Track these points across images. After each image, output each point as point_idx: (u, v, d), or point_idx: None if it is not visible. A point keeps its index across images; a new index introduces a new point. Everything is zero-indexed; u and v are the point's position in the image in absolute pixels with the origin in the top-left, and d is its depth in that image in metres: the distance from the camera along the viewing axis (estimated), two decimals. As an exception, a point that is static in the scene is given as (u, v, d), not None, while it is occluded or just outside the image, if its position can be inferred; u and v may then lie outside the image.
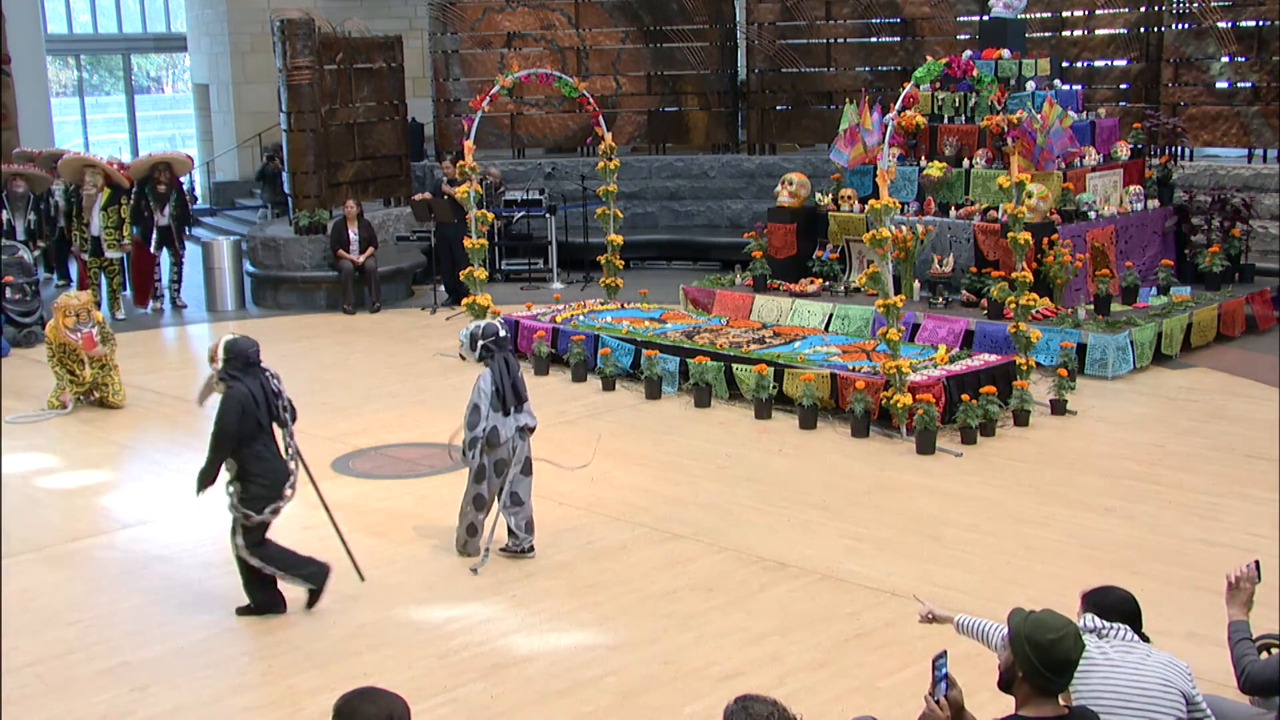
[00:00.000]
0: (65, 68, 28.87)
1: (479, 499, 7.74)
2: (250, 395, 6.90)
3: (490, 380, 7.59)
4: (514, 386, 7.68)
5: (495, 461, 7.67)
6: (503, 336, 7.79)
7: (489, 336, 7.74)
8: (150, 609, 7.22)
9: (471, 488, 7.76)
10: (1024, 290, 10.84)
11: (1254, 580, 4.85)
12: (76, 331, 11.24)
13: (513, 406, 7.66)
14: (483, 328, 7.80)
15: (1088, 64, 16.91)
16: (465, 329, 7.92)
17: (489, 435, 7.59)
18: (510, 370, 7.68)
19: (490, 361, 7.67)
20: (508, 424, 7.64)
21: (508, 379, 7.64)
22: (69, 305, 11.32)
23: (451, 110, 19.17)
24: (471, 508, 7.76)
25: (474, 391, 7.60)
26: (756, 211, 16.90)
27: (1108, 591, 4.62)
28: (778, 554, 7.78)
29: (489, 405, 7.57)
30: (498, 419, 7.60)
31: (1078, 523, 8.24)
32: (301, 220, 16.18)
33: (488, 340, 7.72)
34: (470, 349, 7.79)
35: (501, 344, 7.75)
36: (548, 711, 5.99)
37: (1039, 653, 3.85)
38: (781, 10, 18.72)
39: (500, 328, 7.84)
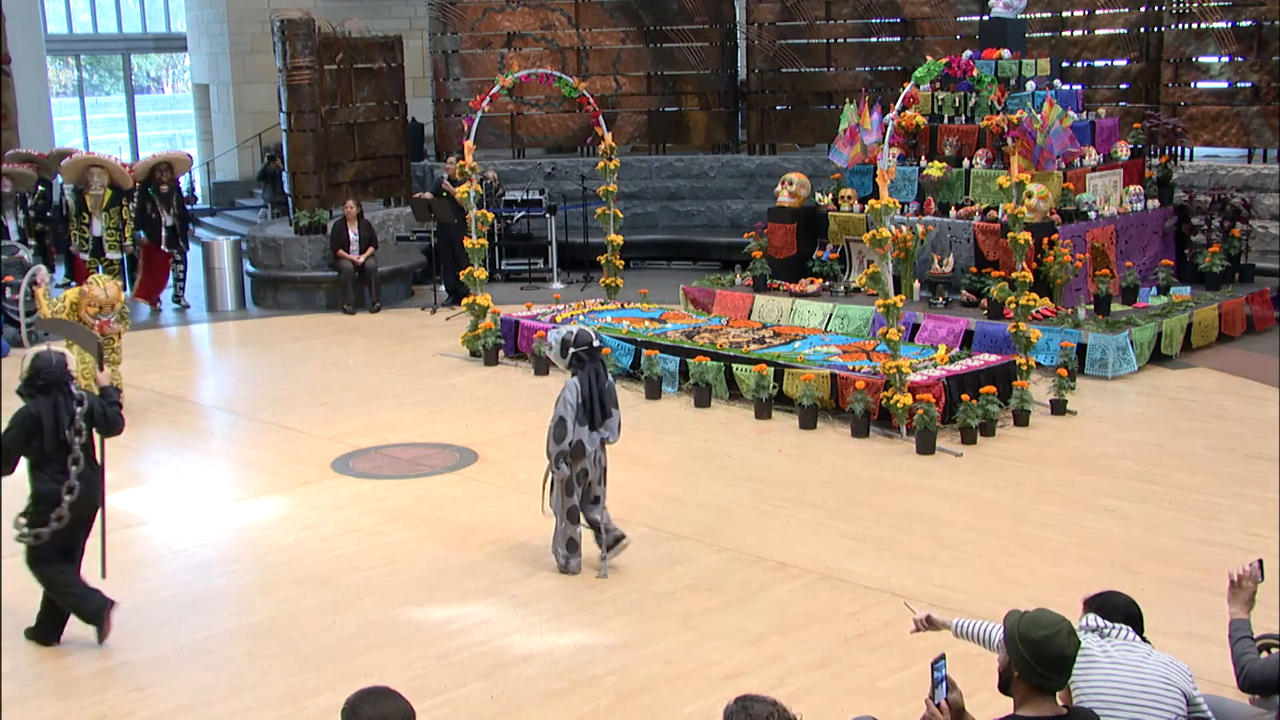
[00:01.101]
0: (65, 68, 28.88)
1: (573, 511, 7.49)
2: (37, 417, 6.45)
3: (576, 391, 7.30)
4: (601, 399, 7.37)
5: (577, 474, 7.43)
6: (596, 346, 7.44)
7: (582, 345, 7.38)
8: (150, 609, 7.22)
9: (564, 501, 7.48)
10: (1024, 290, 10.84)
11: (1256, 579, 4.86)
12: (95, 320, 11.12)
13: (599, 419, 7.40)
14: (576, 335, 7.42)
15: (1088, 64, 16.91)
16: (556, 332, 7.54)
17: (574, 448, 7.34)
18: (599, 381, 7.38)
19: (580, 371, 7.36)
20: (593, 437, 7.40)
21: (596, 390, 7.35)
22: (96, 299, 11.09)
23: (451, 110, 19.17)
24: (567, 522, 7.50)
25: (559, 404, 7.32)
26: (756, 211, 16.90)
27: (1110, 596, 4.61)
28: (778, 554, 7.78)
29: (574, 418, 7.30)
30: (583, 431, 7.34)
31: (1078, 523, 8.24)
32: (301, 220, 16.19)
33: (580, 349, 7.38)
34: (560, 355, 7.44)
35: (594, 354, 7.41)
36: (548, 711, 5.99)
37: (1032, 650, 3.85)
38: (781, 10, 18.72)
39: (595, 337, 7.48)
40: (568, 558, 7.52)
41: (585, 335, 7.44)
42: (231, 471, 9.79)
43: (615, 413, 7.50)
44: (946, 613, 6.88)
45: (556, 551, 7.56)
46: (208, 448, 10.43)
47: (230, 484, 9.49)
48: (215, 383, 13.16)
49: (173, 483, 9.49)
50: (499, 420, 10.87)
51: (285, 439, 10.47)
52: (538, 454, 9.84)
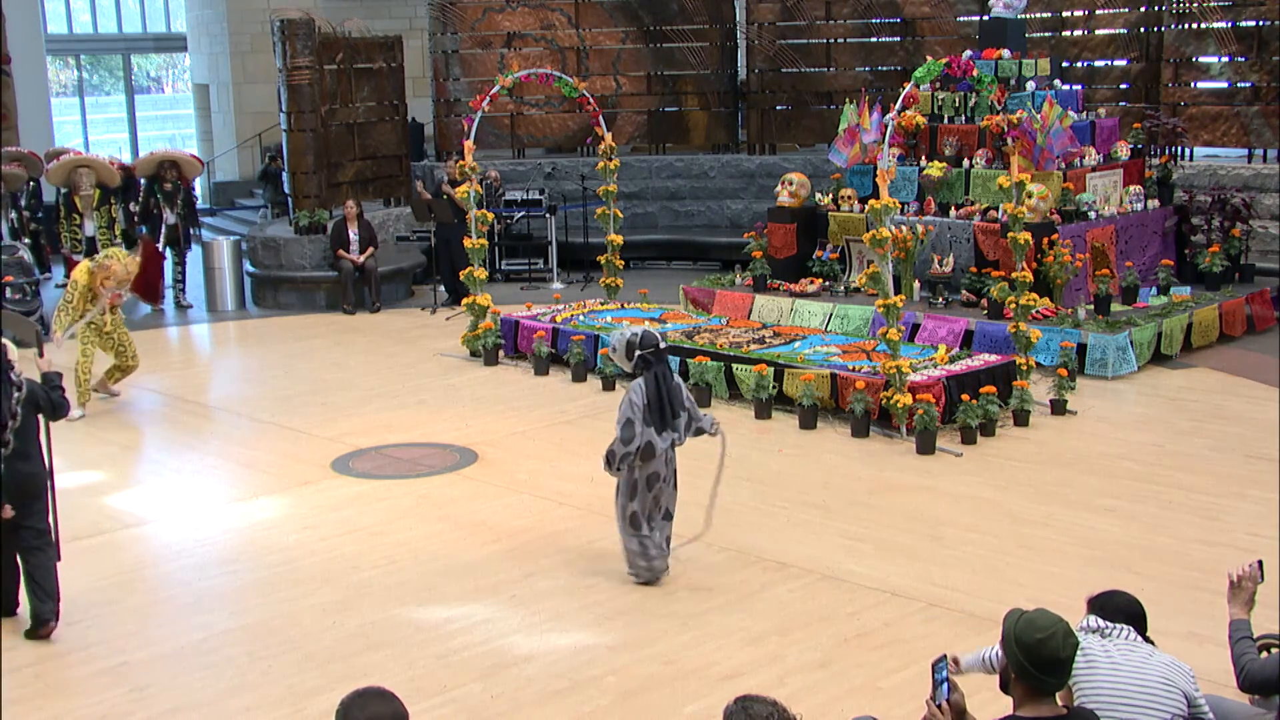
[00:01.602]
0: (65, 68, 28.86)
1: (635, 518, 7.29)
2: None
3: (642, 393, 7.15)
4: (670, 399, 7.23)
5: (648, 476, 7.24)
6: (662, 349, 7.31)
7: (648, 347, 7.25)
8: (150, 609, 7.22)
9: (625, 505, 7.32)
10: (1024, 290, 10.84)
11: (1256, 580, 4.86)
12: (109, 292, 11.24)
13: (669, 420, 7.25)
14: (641, 337, 7.28)
15: (1088, 64, 16.91)
16: (620, 333, 7.38)
17: (643, 450, 7.17)
18: (667, 382, 7.24)
19: (645, 373, 7.23)
20: (663, 438, 7.24)
21: (664, 391, 7.20)
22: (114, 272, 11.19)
23: (451, 110, 19.16)
24: (630, 528, 7.31)
25: (624, 405, 7.17)
26: (756, 211, 16.90)
27: (1112, 595, 4.61)
28: (778, 554, 7.77)
29: (642, 419, 7.15)
30: (651, 433, 7.17)
31: (1078, 523, 8.24)
32: (301, 220, 16.19)
33: (646, 351, 7.24)
34: (625, 357, 7.30)
35: (660, 356, 7.28)
36: (548, 711, 5.99)
37: (1027, 652, 3.84)
38: (781, 10, 18.72)
39: (660, 338, 7.36)
40: (648, 566, 7.31)
41: (651, 337, 7.30)
42: (231, 471, 9.79)
43: (684, 413, 7.36)
44: (945, 613, 6.90)
45: (634, 566, 7.36)
46: (208, 448, 10.42)
47: (230, 484, 9.49)
48: (215, 383, 13.15)
49: (173, 483, 9.49)
50: (499, 420, 10.87)
51: (285, 439, 10.47)
52: (538, 454, 9.92)
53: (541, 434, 10.49)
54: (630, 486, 7.27)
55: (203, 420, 11.39)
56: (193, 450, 10.34)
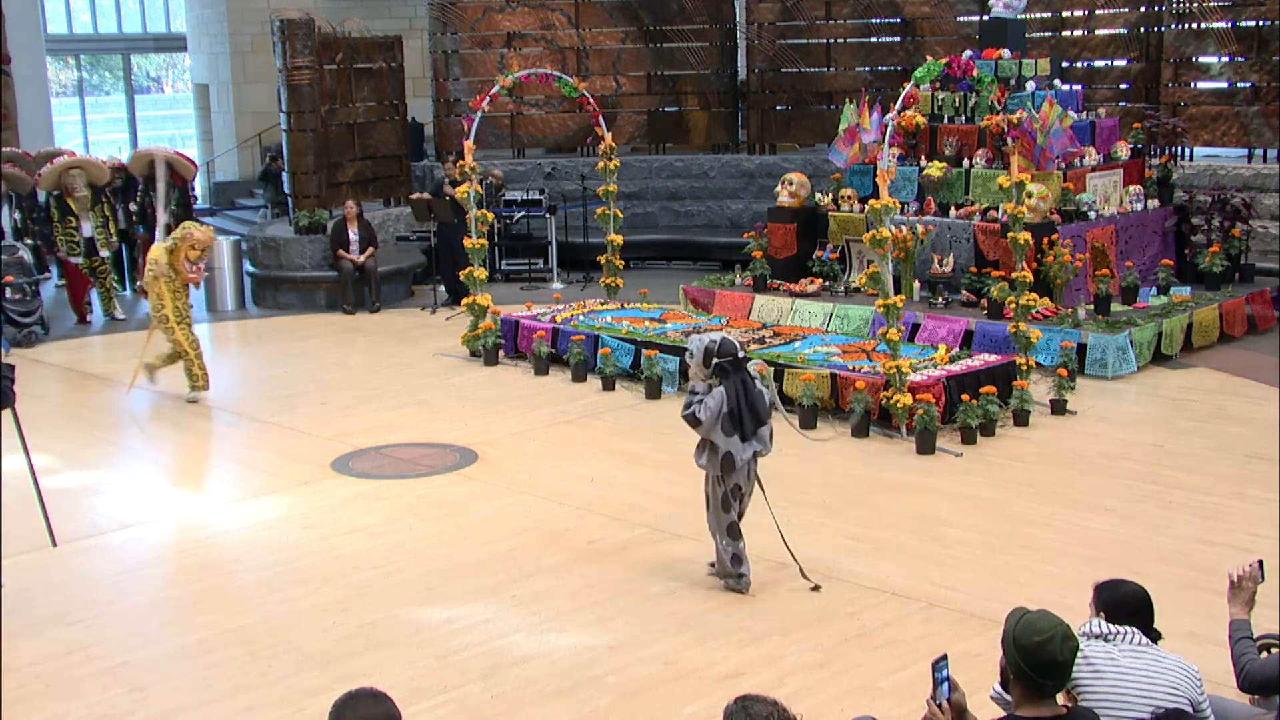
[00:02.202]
0: (65, 68, 28.87)
1: (733, 528, 7.20)
2: None
3: (722, 400, 6.97)
4: (752, 409, 7.05)
5: (732, 488, 7.15)
6: (741, 357, 7.13)
7: (726, 356, 7.05)
8: (150, 609, 7.22)
9: (721, 519, 7.21)
10: (1024, 290, 10.84)
11: (1256, 580, 4.86)
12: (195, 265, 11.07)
13: (750, 431, 7.09)
14: (720, 344, 7.09)
15: (1088, 64, 16.91)
16: (698, 340, 7.17)
17: (723, 461, 7.07)
18: (748, 392, 7.06)
19: (725, 381, 7.04)
20: (745, 449, 7.08)
21: (744, 401, 7.03)
22: (200, 241, 11.00)
23: (451, 110, 19.17)
24: (729, 540, 7.21)
25: (702, 408, 6.98)
26: (756, 211, 16.90)
27: (1119, 585, 4.58)
28: (778, 554, 7.77)
29: (718, 426, 7.00)
30: (733, 443, 7.03)
31: (1078, 523, 8.24)
32: (301, 220, 16.19)
33: (724, 360, 7.05)
34: (703, 365, 7.10)
35: (739, 364, 7.10)
36: (548, 711, 5.99)
37: (1025, 655, 3.84)
38: (781, 10, 18.72)
39: (739, 346, 7.17)
40: (739, 575, 7.23)
41: (730, 345, 7.11)
42: (231, 471, 9.79)
43: (768, 422, 7.21)
44: (945, 613, 6.90)
45: (726, 573, 7.27)
46: (208, 448, 10.42)
47: (230, 484, 9.50)
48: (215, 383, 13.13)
49: (173, 483, 9.48)
50: (499, 420, 10.87)
51: (285, 439, 10.47)
52: (538, 454, 9.92)
53: (541, 434, 10.49)
54: (723, 499, 7.17)
55: (203, 420, 11.39)
56: (193, 450, 10.33)
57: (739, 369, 7.09)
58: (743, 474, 7.14)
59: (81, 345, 14.31)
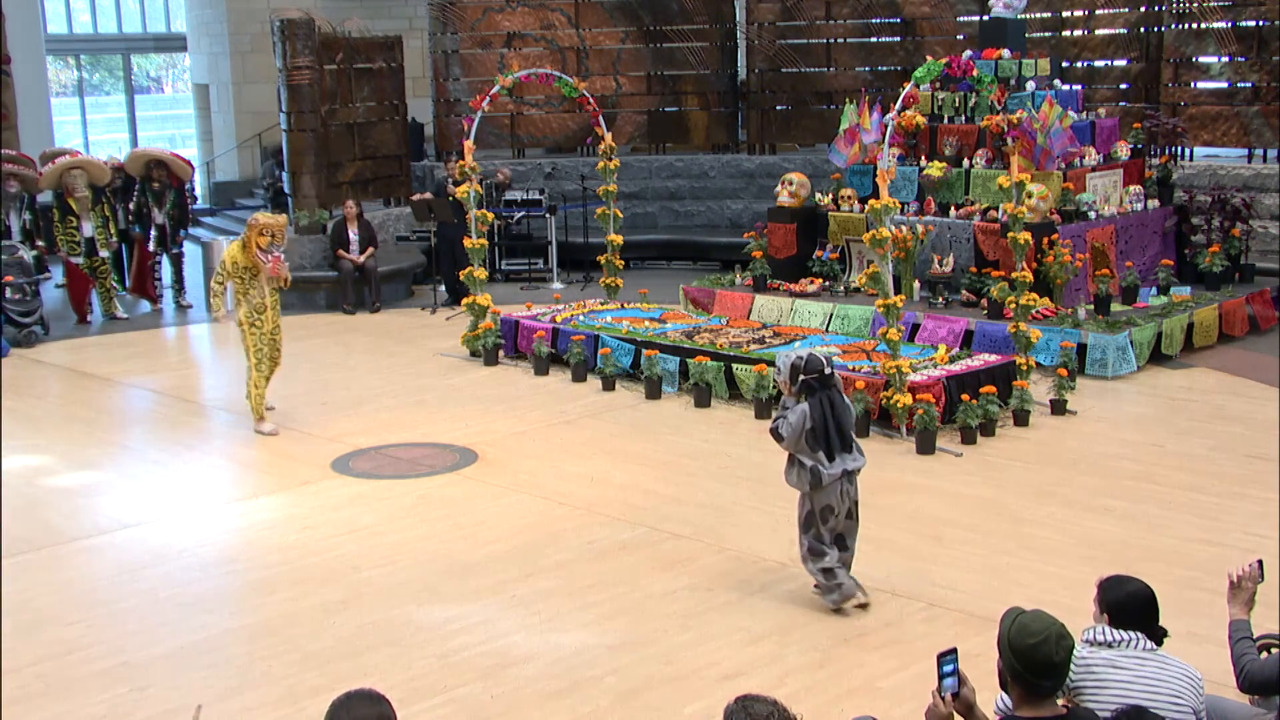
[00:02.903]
0: (65, 68, 28.86)
1: (814, 550, 6.98)
2: None
3: (805, 417, 6.78)
4: (839, 427, 6.86)
5: (822, 507, 6.93)
6: (828, 373, 6.89)
7: (812, 373, 6.84)
8: (150, 609, 7.22)
9: (801, 540, 7.04)
10: (1024, 290, 10.84)
11: (1256, 579, 4.86)
12: (268, 253, 10.44)
13: (838, 449, 6.88)
14: (806, 361, 6.87)
15: (1088, 64, 16.91)
16: (785, 357, 6.98)
17: (810, 478, 6.87)
18: (835, 409, 6.86)
19: (810, 398, 6.84)
20: (833, 467, 6.86)
21: (831, 419, 6.83)
22: (266, 225, 10.45)
23: (451, 110, 19.17)
24: (812, 558, 7.00)
25: (784, 424, 6.82)
26: (756, 211, 16.90)
27: (1124, 583, 4.54)
28: (778, 554, 7.77)
29: (802, 444, 6.82)
30: (819, 461, 6.83)
31: (1078, 523, 8.24)
32: (301, 220, 16.18)
33: (810, 377, 6.84)
34: (790, 381, 6.90)
35: (825, 381, 6.86)
36: (548, 711, 5.98)
37: (1020, 657, 3.83)
38: (781, 10, 18.72)
39: (826, 363, 6.93)
40: (838, 587, 6.96)
41: (816, 361, 6.89)
42: (231, 471, 9.79)
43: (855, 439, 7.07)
44: (945, 613, 6.90)
45: (825, 590, 7.03)
46: (208, 448, 10.43)
47: (230, 484, 9.50)
48: (215, 383, 13.14)
49: (173, 483, 9.48)
50: (499, 420, 10.87)
51: (285, 439, 10.47)
52: (538, 454, 9.92)
53: (541, 434, 10.49)
54: (808, 519, 6.98)
55: (203, 420, 11.39)
56: (193, 450, 10.34)
57: (826, 385, 6.88)
58: (833, 493, 6.91)
59: (81, 345, 14.31)
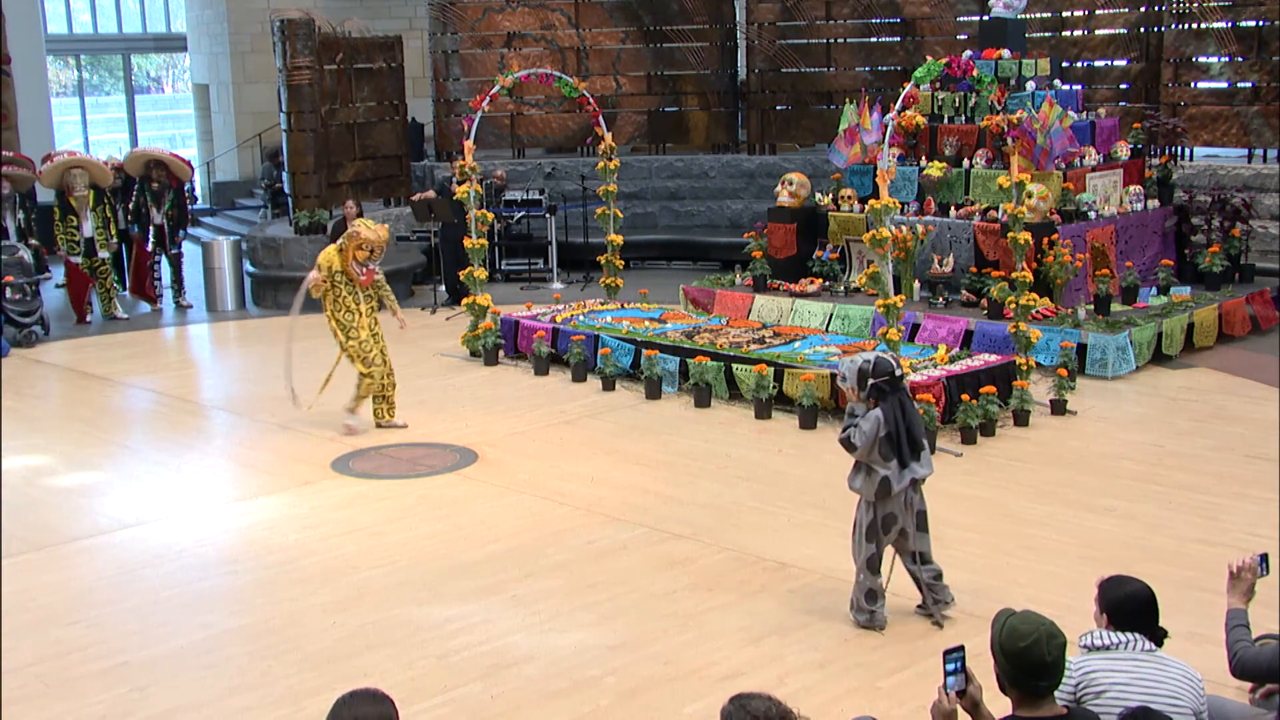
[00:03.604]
0: (65, 68, 28.86)
1: (873, 560, 6.73)
2: None
3: (879, 423, 6.56)
4: (910, 433, 6.66)
5: (884, 516, 6.69)
6: (898, 376, 6.69)
7: (882, 376, 6.61)
8: (150, 609, 7.22)
9: (863, 548, 6.74)
10: (1024, 290, 10.84)
11: (1255, 571, 4.90)
12: (364, 266, 10.14)
13: (910, 455, 6.68)
14: (874, 364, 6.63)
15: (1088, 64, 16.91)
16: (850, 362, 6.72)
17: (879, 487, 6.63)
18: (906, 414, 6.67)
19: (882, 403, 6.62)
20: (903, 475, 6.65)
21: (903, 423, 6.62)
22: (367, 240, 9.98)
23: (451, 110, 19.17)
24: (867, 572, 6.75)
25: (857, 432, 6.58)
26: (756, 211, 16.90)
27: (1124, 584, 4.55)
28: (778, 554, 7.77)
29: (878, 451, 6.60)
30: (890, 469, 6.60)
31: (1078, 523, 8.24)
32: (301, 220, 16.18)
33: (880, 380, 6.62)
34: (858, 386, 6.65)
35: (896, 384, 6.66)
36: (548, 711, 5.98)
37: (1013, 660, 3.85)
38: (781, 10, 18.72)
39: (896, 365, 6.71)
40: (871, 612, 6.75)
41: (885, 364, 6.66)
42: (231, 471, 9.79)
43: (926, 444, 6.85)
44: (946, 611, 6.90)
45: (857, 608, 6.81)
46: (208, 448, 10.42)
47: (230, 484, 9.50)
48: (215, 383, 13.15)
49: (173, 483, 9.48)
50: (499, 420, 10.87)
51: (285, 439, 10.47)
52: (538, 454, 9.92)
53: (541, 434, 10.49)
54: (870, 529, 6.73)
55: (203, 420, 11.40)
56: (193, 450, 10.33)
57: (896, 389, 6.68)
58: (898, 503, 6.71)
59: (81, 345, 14.31)
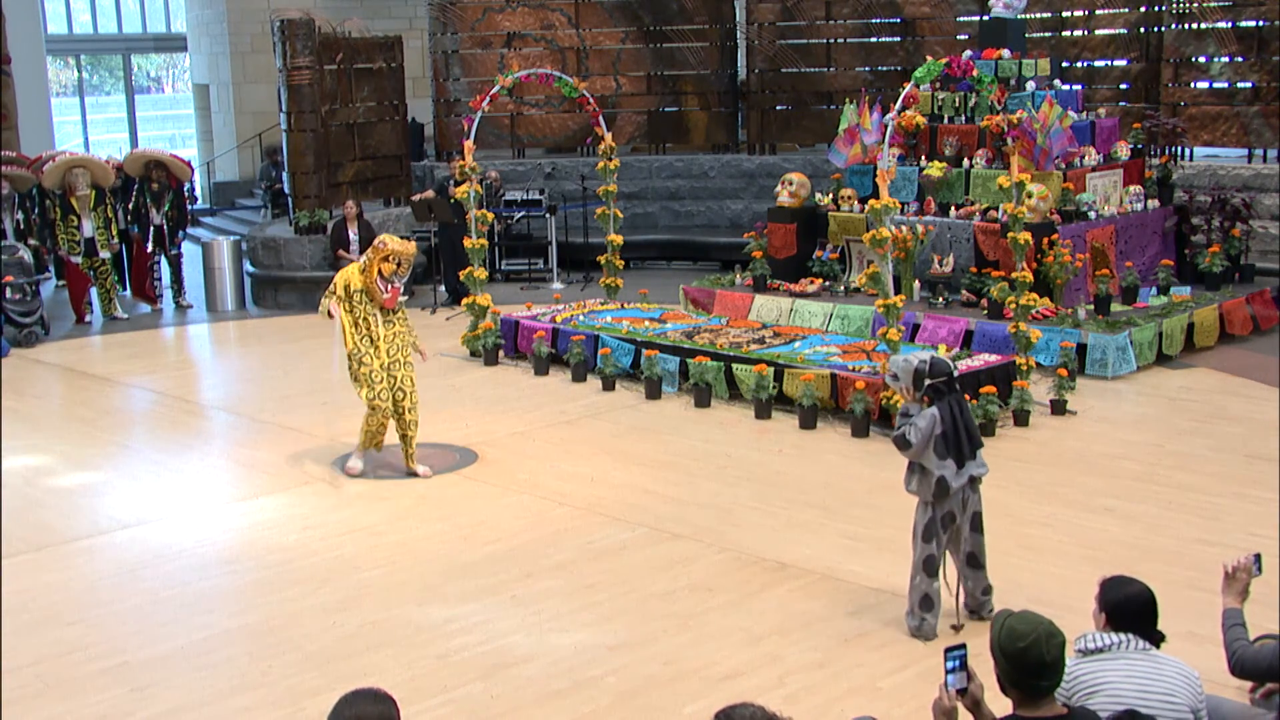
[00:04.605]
0: (65, 68, 28.86)
1: (930, 562, 6.63)
2: None
3: (935, 422, 6.53)
4: (968, 430, 6.62)
5: (943, 515, 6.64)
6: (953, 375, 6.71)
7: (939, 376, 6.61)
8: (150, 609, 7.22)
9: (920, 549, 6.66)
10: (1024, 290, 10.84)
11: (1250, 571, 4.91)
12: (390, 282, 9.21)
13: (968, 454, 6.63)
14: (930, 364, 6.63)
15: (1088, 64, 16.91)
16: (904, 362, 6.72)
17: (936, 487, 6.57)
18: (963, 412, 6.63)
19: (939, 402, 6.59)
20: (960, 475, 6.61)
21: (960, 422, 6.59)
22: (396, 251, 9.11)
23: (451, 110, 19.16)
24: (924, 575, 6.64)
25: (912, 430, 6.53)
26: (756, 211, 16.90)
27: (1124, 585, 4.55)
28: (778, 554, 7.77)
29: (933, 450, 6.55)
30: (947, 468, 6.55)
31: (1078, 523, 8.24)
32: (301, 220, 16.19)
33: (938, 380, 6.61)
34: (913, 386, 6.65)
35: (952, 384, 6.66)
36: (548, 711, 5.99)
37: (1012, 661, 3.85)
38: (781, 10, 18.72)
39: (951, 365, 6.74)
40: (921, 619, 6.64)
41: (942, 365, 6.66)
42: (231, 471, 9.79)
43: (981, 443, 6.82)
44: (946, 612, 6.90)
45: (914, 612, 6.69)
46: (208, 448, 10.43)
47: (230, 484, 9.49)
48: (215, 383, 13.15)
49: (173, 483, 9.48)
50: (499, 420, 10.87)
51: (285, 439, 10.47)
52: (538, 454, 9.92)
53: (541, 434, 10.49)
54: (927, 529, 6.67)
55: (202, 420, 11.40)
56: (193, 450, 10.34)
57: (952, 388, 6.67)
58: (956, 501, 6.65)
59: (81, 345, 14.32)
